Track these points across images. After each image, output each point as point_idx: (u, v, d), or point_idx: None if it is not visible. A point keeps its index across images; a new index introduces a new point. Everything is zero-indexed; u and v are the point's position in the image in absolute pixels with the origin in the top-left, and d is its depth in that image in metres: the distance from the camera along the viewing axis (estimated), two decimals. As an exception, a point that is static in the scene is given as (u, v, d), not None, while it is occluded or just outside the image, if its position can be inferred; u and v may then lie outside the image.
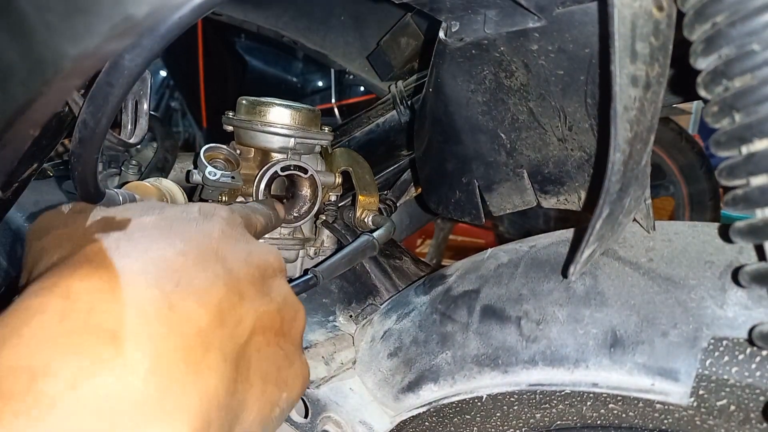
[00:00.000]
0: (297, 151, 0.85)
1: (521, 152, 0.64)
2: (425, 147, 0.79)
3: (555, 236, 0.64)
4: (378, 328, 0.72)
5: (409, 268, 0.90)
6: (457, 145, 0.69)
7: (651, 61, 0.43)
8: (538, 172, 0.64)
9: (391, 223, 0.84)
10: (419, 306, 0.69)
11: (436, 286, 0.69)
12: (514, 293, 0.59)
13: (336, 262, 0.72)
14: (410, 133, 1.01)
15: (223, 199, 0.81)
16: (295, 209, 0.84)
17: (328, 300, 0.80)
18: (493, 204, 0.70)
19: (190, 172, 0.81)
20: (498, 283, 0.62)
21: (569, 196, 0.63)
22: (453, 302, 0.64)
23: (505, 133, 0.64)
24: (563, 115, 0.58)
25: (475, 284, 0.64)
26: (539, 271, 0.60)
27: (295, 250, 0.87)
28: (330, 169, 0.92)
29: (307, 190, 0.85)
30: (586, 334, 0.53)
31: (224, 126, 0.87)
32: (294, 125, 0.83)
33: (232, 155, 0.83)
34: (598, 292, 0.54)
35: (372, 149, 1.06)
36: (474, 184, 0.70)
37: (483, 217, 0.72)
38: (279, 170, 0.81)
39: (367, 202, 0.89)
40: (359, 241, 0.76)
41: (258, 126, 0.82)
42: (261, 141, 0.83)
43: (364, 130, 1.06)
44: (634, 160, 0.46)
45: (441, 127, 0.71)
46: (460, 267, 0.70)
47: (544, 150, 0.63)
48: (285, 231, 0.85)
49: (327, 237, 0.91)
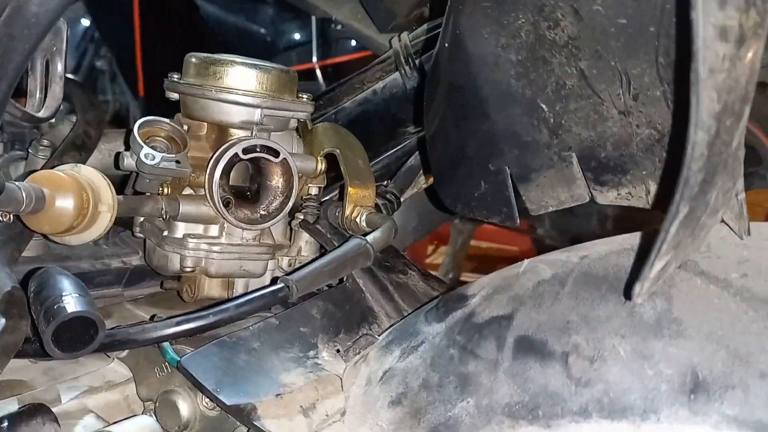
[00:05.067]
0: (265, 127, 0.84)
1: (569, 129, 0.64)
2: (439, 122, 0.79)
3: (614, 243, 0.64)
4: (376, 367, 0.72)
5: (417, 285, 0.90)
6: (481, 121, 0.69)
7: (746, 7, 0.43)
8: (591, 156, 0.64)
9: (391, 223, 0.84)
10: (431, 337, 0.69)
11: (454, 310, 0.69)
12: (559, 320, 0.59)
13: (316, 270, 0.72)
14: (418, 103, 1.01)
15: (165, 191, 0.81)
16: (262, 206, 0.84)
17: (307, 328, 0.80)
18: (530, 199, 0.70)
19: (120, 156, 0.80)
20: (538, 306, 0.62)
21: (634, 188, 0.63)
22: (477, 332, 0.64)
23: (547, 103, 0.64)
24: (626, 80, 0.58)
25: (507, 308, 0.64)
26: (593, 290, 0.60)
27: (261, 261, 0.86)
28: (310, 151, 0.91)
29: (278, 180, 0.84)
30: (657, 376, 0.52)
31: (167, 93, 0.87)
32: (261, 91, 0.82)
33: (177, 132, 0.82)
34: (674, 318, 0.54)
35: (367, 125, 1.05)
36: (505, 172, 0.70)
37: (517, 217, 0.72)
38: (240, 152, 0.80)
39: (360, 196, 0.89)
40: (348, 246, 0.76)
41: (212, 92, 0.82)
42: (216, 113, 0.83)
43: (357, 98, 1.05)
44: (723, 141, 0.46)
45: (460, 95, 0.71)
46: (486, 285, 0.69)
47: (600, 126, 0.62)
48: (248, 235, 0.85)
49: (306, 243, 0.91)
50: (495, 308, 0.65)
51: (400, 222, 1.02)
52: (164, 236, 0.84)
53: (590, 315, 0.58)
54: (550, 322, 0.60)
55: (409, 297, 0.86)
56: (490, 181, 0.71)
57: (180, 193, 0.83)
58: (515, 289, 0.65)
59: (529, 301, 0.63)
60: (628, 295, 0.57)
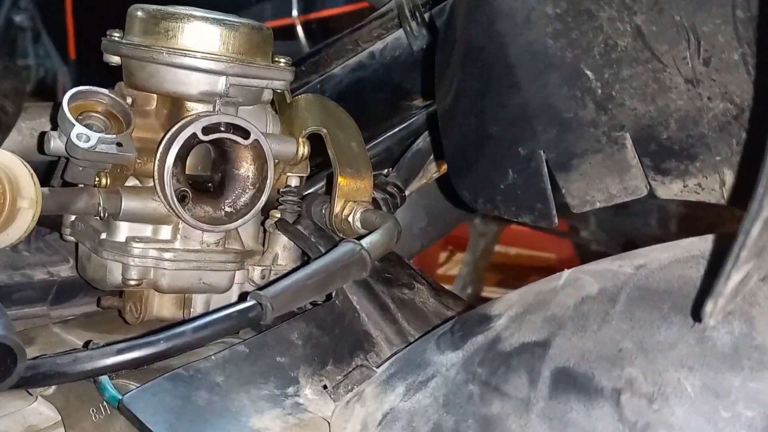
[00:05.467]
0: (231, 100, 0.84)
1: (621, 103, 0.64)
2: (455, 94, 0.79)
3: (679, 250, 0.64)
4: (373, 408, 0.72)
5: (426, 302, 0.90)
6: (509, 92, 0.69)
7: None
8: (650, 137, 0.64)
9: (393, 224, 0.84)
10: (444, 369, 0.69)
11: (474, 335, 0.69)
12: (608, 347, 0.59)
13: (297, 284, 0.72)
14: (428, 69, 1.01)
15: (103, 182, 0.81)
16: (227, 201, 0.84)
17: (285, 358, 0.80)
18: (571, 192, 0.70)
19: (46, 137, 0.80)
20: (581, 329, 0.62)
21: (704, 178, 0.63)
22: (503, 363, 0.64)
23: (593, 69, 0.64)
24: (694, 39, 0.58)
25: (542, 332, 0.64)
26: (652, 310, 0.59)
27: (227, 272, 0.86)
28: (289, 130, 0.91)
29: (248, 168, 0.84)
30: (734, 420, 0.52)
31: (106, 56, 0.87)
32: (226, 54, 0.82)
33: (118, 107, 0.82)
34: (755, 346, 0.54)
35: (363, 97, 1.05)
36: (539, 157, 0.70)
37: (554, 216, 0.72)
38: (200, 132, 0.80)
39: (353, 188, 0.88)
40: (338, 253, 0.76)
41: (164, 56, 0.82)
42: (169, 82, 0.83)
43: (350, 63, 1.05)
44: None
45: (482, 59, 0.70)
46: (515, 302, 0.69)
47: (661, 99, 0.62)
48: (210, 239, 0.85)
49: (284, 249, 0.91)
50: (526, 333, 0.65)
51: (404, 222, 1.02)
52: (102, 240, 0.84)
53: (648, 341, 0.58)
54: (597, 350, 0.60)
55: (416, 318, 0.86)
56: (521, 169, 0.71)
57: (122, 184, 0.83)
58: (552, 308, 0.65)
59: (570, 323, 0.63)
60: (697, 315, 0.57)
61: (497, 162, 0.73)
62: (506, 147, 0.72)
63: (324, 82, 1.06)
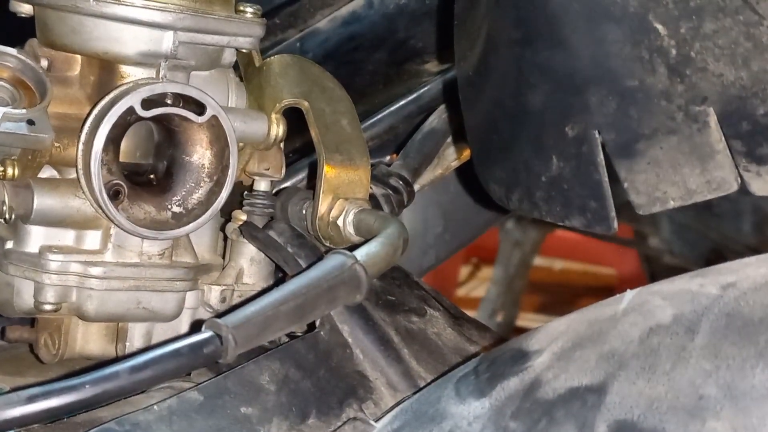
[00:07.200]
0: (180, 63, 0.85)
1: (703, 68, 0.64)
2: (480, 56, 0.79)
3: (781, 263, 0.64)
4: (369, 476, 0.72)
5: (442, 333, 0.90)
6: (553, 51, 0.70)
7: None
8: (741, 112, 0.64)
9: (397, 229, 0.84)
10: (466, 424, 0.69)
11: (506, 377, 0.69)
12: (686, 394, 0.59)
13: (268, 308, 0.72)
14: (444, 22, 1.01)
15: (10, 172, 0.81)
16: (175, 198, 0.85)
17: (253, 409, 0.80)
18: (636, 187, 0.70)
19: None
20: (649, 370, 0.62)
21: (815, 169, 0.64)
22: (545, 415, 0.64)
23: (665, 22, 0.64)
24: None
25: (597, 374, 0.64)
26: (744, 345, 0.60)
27: (174, 293, 0.87)
28: (259, 103, 0.92)
29: (203, 154, 0.85)
30: None
31: (12, 4, 0.87)
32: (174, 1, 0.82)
33: (30, 72, 0.82)
34: None
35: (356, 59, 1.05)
36: (593, 140, 0.70)
37: (614, 218, 0.72)
38: (139, 106, 0.81)
39: (344, 180, 0.89)
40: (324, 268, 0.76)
41: (91, 3, 0.82)
42: (98, 39, 0.84)
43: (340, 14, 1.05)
44: None
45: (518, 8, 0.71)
46: (561, 334, 0.70)
47: (757, 62, 0.63)
48: (152, 249, 0.86)
49: (251, 262, 0.92)
50: (576, 374, 0.65)
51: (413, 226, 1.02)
52: (7, 251, 0.84)
53: (739, 386, 0.58)
54: (671, 398, 0.60)
55: (428, 355, 0.87)
56: (569, 156, 0.72)
57: (35, 176, 0.84)
58: (611, 342, 0.65)
59: (635, 361, 0.63)
60: (804, 351, 0.57)
61: (537, 146, 0.74)
62: (550, 125, 0.72)
63: (305, 40, 1.06)
